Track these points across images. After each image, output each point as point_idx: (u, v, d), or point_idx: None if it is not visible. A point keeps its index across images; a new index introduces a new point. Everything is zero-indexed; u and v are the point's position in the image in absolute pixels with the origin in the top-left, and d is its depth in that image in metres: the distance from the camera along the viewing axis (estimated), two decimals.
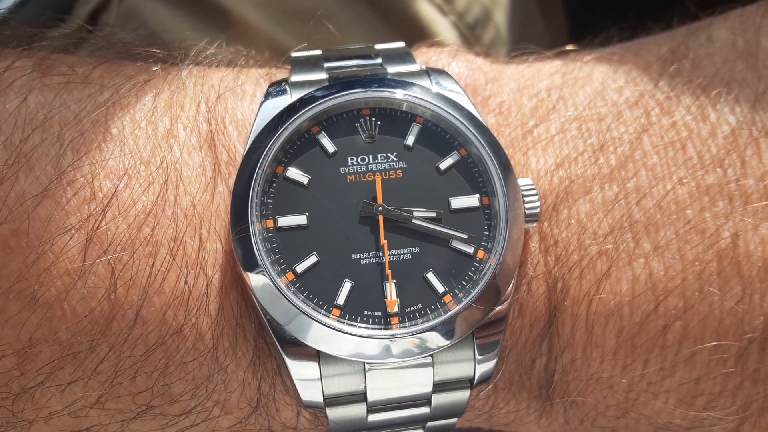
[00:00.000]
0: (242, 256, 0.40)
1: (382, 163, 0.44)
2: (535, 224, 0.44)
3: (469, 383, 0.43)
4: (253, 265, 0.41)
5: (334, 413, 0.42)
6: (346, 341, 0.41)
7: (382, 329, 0.41)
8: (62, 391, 0.40)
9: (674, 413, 0.45)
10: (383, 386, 0.42)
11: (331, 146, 0.44)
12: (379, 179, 0.43)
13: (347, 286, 0.41)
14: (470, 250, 0.43)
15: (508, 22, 0.75)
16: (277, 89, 0.45)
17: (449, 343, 0.41)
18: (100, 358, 0.40)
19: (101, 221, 0.40)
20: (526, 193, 0.43)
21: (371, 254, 0.42)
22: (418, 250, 0.42)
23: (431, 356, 0.42)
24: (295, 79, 0.46)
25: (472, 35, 0.72)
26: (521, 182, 0.44)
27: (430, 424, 0.45)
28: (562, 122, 0.47)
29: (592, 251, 0.44)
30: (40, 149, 0.40)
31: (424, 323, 0.41)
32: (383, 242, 0.42)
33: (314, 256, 0.42)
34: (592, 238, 0.44)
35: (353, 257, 0.42)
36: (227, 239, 0.42)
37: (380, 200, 0.43)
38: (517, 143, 0.47)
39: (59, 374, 0.40)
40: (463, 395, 0.44)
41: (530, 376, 0.45)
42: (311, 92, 0.45)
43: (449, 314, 0.41)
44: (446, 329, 0.41)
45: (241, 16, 0.65)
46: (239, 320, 0.41)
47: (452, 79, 0.47)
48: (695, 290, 0.43)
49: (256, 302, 0.40)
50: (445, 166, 0.44)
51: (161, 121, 0.43)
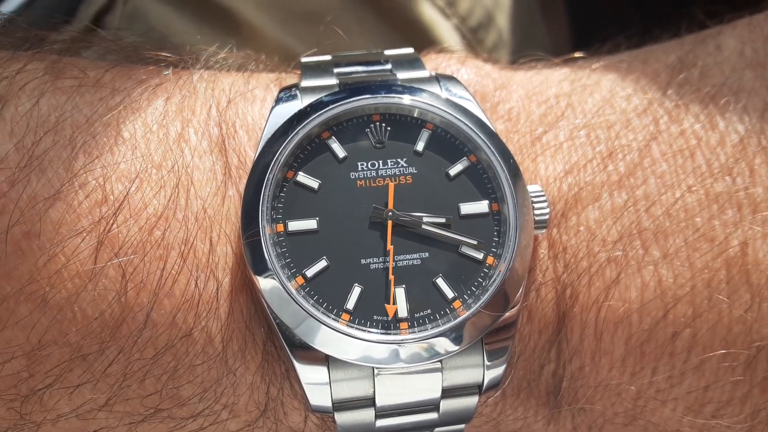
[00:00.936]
0: (252, 259, 0.41)
1: (392, 168, 0.44)
2: (544, 231, 0.44)
3: (477, 389, 0.43)
4: (263, 268, 0.41)
5: (342, 418, 0.42)
6: (354, 345, 0.41)
7: (391, 334, 0.41)
8: (71, 393, 0.40)
9: (682, 421, 0.45)
10: (392, 391, 0.42)
11: (341, 151, 0.44)
12: (392, 185, 0.43)
13: (357, 291, 0.42)
14: (480, 256, 0.43)
15: (510, 25, 0.75)
16: (287, 94, 0.45)
17: (458, 348, 0.41)
18: (109, 360, 0.40)
19: (113, 224, 0.40)
20: (535, 199, 0.43)
21: (381, 259, 0.42)
22: (427, 255, 0.43)
23: (440, 362, 0.42)
24: (305, 84, 0.46)
25: (474, 38, 0.72)
26: (530, 189, 0.44)
27: (437, 429, 0.45)
28: (570, 129, 0.47)
29: (601, 258, 0.44)
30: (52, 152, 0.40)
31: (433, 329, 0.41)
32: (389, 247, 0.42)
33: (324, 260, 0.42)
34: (601, 245, 0.44)
35: (363, 262, 0.42)
36: (237, 243, 0.42)
37: (391, 205, 0.43)
38: (526, 150, 0.47)
39: (68, 376, 0.40)
40: (471, 401, 0.43)
41: (538, 382, 0.45)
42: (321, 98, 0.45)
43: (458, 320, 0.41)
44: (455, 335, 0.41)
45: (244, 17, 0.65)
46: (248, 324, 0.41)
47: (461, 85, 0.47)
48: (704, 298, 0.43)
49: (265, 306, 0.41)
50: (454, 172, 0.44)
51: (172, 124, 0.43)
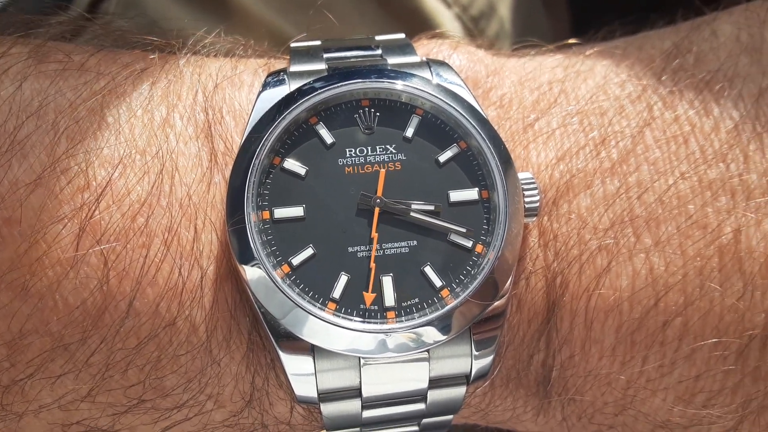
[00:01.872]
0: (237, 247, 0.40)
1: (380, 155, 0.43)
2: (534, 219, 0.43)
3: (465, 379, 0.43)
4: (248, 257, 0.40)
5: (328, 409, 0.42)
6: (341, 335, 0.40)
7: (378, 323, 0.40)
8: (53, 383, 0.40)
9: (673, 411, 0.44)
10: (378, 381, 0.41)
11: (329, 137, 0.43)
12: (383, 172, 0.42)
13: (343, 279, 0.41)
14: (469, 244, 0.42)
15: (512, 15, 0.74)
16: (275, 79, 0.45)
17: (446, 338, 0.41)
18: (91, 350, 0.39)
19: (95, 210, 0.39)
20: (526, 187, 0.43)
21: (368, 247, 0.42)
22: (415, 243, 0.42)
23: (427, 351, 0.41)
24: (293, 69, 0.45)
25: (476, 28, 0.71)
26: (521, 176, 0.43)
27: (425, 420, 0.45)
28: (563, 116, 0.47)
29: (592, 246, 0.43)
30: (34, 137, 0.40)
31: (420, 317, 0.41)
32: (374, 235, 0.41)
33: (310, 248, 0.41)
34: (592, 232, 0.43)
35: (350, 250, 0.41)
36: (222, 230, 0.41)
37: (380, 193, 0.42)
38: (517, 136, 0.46)
39: (50, 366, 0.39)
40: (459, 391, 0.43)
41: (528, 372, 0.45)
42: (310, 82, 0.44)
43: (446, 309, 0.41)
44: (443, 324, 0.41)
45: (240, 3, 0.65)
46: (233, 313, 0.41)
47: (453, 70, 0.46)
48: (696, 286, 0.42)
49: (250, 295, 0.40)
50: (444, 158, 0.44)
51: (157, 110, 0.43)
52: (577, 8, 0.88)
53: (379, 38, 0.50)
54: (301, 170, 0.42)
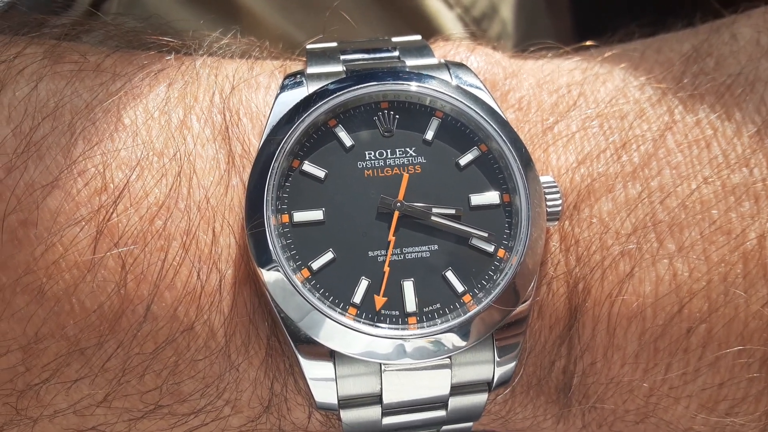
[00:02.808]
0: (256, 251, 0.39)
1: (400, 158, 0.42)
2: (556, 223, 0.43)
3: (487, 386, 0.42)
4: (267, 260, 0.39)
5: (348, 415, 0.41)
6: (359, 340, 0.39)
7: (399, 329, 0.40)
8: (68, 388, 0.39)
9: (695, 419, 0.44)
10: (399, 388, 0.41)
11: (348, 140, 0.43)
12: (407, 176, 0.42)
13: (364, 284, 0.40)
14: (491, 248, 0.42)
15: (514, 16, 0.74)
16: (292, 81, 0.44)
17: (468, 344, 0.40)
18: (108, 354, 0.38)
19: (112, 213, 0.38)
20: (547, 190, 0.42)
21: (386, 251, 0.41)
22: (436, 247, 0.41)
23: (449, 358, 0.41)
24: (311, 71, 0.45)
25: (478, 29, 0.71)
26: (542, 180, 0.43)
27: (445, 427, 0.44)
28: (583, 119, 0.46)
29: (614, 251, 0.42)
30: (50, 138, 0.39)
31: (442, 323, 0.40)
32: (390, 238, 0.41)
33: (330, 252, 0.40)
34: (614, 237, 0.43)
35: (370, 254, 0.41)
36: (241, 234, 0.40)
37: (401, 196, 0.41)
38: (537, 139, 0.46)
39: (65, 371, 0.39)
40: (480, 398, 0.42)
41: (549, 379, 0.44)
42: (328, 85, 0.44)
43: (469, 315, 0.40)
44: (465, 330, 0.40)
45: (243, 3, 0.64)
46: (252, 317, 0.40)
47: (472, 72, 0.46)
48: (720, 292, 0.42)
49: (269, 299, 0.39)
50: (465, 161, 0.43)
51: (174, 111, 0.42)
52: (580, 9, 0.88)
53: (395, 40, 0.49)
54: (320, 173, 0.42)
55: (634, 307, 0.42)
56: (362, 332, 0.39)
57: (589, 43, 0.53)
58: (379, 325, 0.40)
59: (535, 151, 0.45)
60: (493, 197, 0.43)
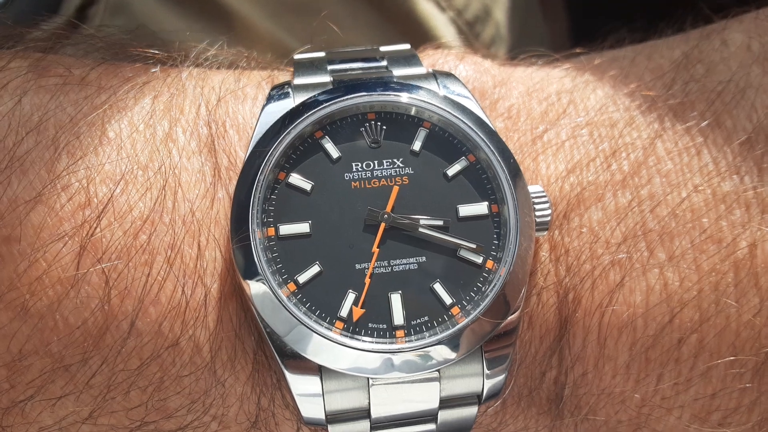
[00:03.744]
0: (242, 265, 0.39)
1: (387, 169, 0.42)
2: (545, 233, 0.42)
3: (477, 399, 0.42)
4: (252, 274, 0.39)
5: (336, 430, 0.40)
6: (346, 354, 0.39)
7: (386, 343, 0.39)
8: (53, 405, 0.39)
9: (688, 429, 0.43)
10: (388, 402, 0.40)
11: (335, 151, 0.42)
12: (396, 188, 0.41)
13: (351, 297, 0.40)
14: (479, 260, 0.41)
15: (508, 19, 0.73)
16: (279, 92, 0.44)
17: (457, 357, 0.40)
18: (92, 371, 0.38)
19: (96, 228, 0.38)
20: (536, 200, 0.42)
21: (376, 264, 0.41)
22: (424, 259, 0.41)
23: (438, 371, 0.40)
24: (298, 82, 0.45)
25: (471, 32, 0.71)
26: (531, 189, 0.42)
27: None
28: (572, 127, 0.46)
29: (604, 261, 0.42)
30: (34, 153, 0.39)
31: (431, 336, 0.40)
32: (374, 250, 0.40)
33: (317, 265, 0.40)
34: (604, 247, 0.42)
35: (357, 267, 0.40)
36: (227, 247, 0.40)
37: (390, 208, 0.41)
38: (526, 148, 0.45)
39: (50, 387, 0.38)
40: (470, 411, 0.42)
41: (540, 390, 0.44)
42: (315, 96, 0.43)
43: (457, 327, 0.40)
44: (454, 343, 0.40)
45: (232, 8, 0.64)
46: (238, 332, 0.40)
47: (460, 82, 0.46)
48: (711, 302, 0.41)
49: (255, 313, 0.39)
50: (452, 172, 0.43)
51: (160, 124, 0.42)
52: (575, 13, 0.88)
53: (383, 49, 0.49)
54: (306, 185, 0.41)
55: (624, 317, 0.42)
56: (349, 347, 0.39)
57: (578, 50, 0.53)
58: (365, 339, 0.39)
59: (524, 160, 0.45)
60: (481, 208, 0.42)
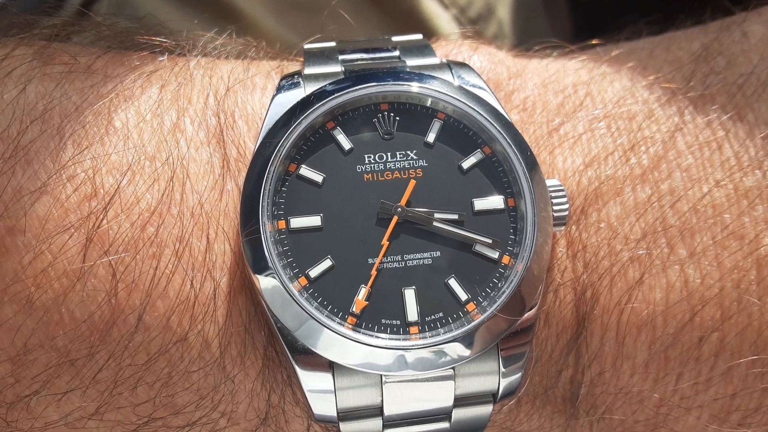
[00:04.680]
0: (252, 259, 0.38)
1: (401, 161, 0.41)
2: (562, 228, 0.41)
3: (492, 397, 0.41)
4: (263, 268, 0.38)
5: (347, 428, 0.40)
6: (357, 350, 0.38)
7: (400, 339, 0.38)
8: (59, 400, 0.38)
9: (707, 430, 0.42)
10: (401, 400, 0.39)
11: (347, 143, 0.41)
12: (413, 182, 0.40)
13: (363, 292, 0.39)
14: (495, 255, 0.40)
15: (511, 17, 0.73)
16: (289, 82, 0.43)
17: (472, 355, 0.39)
18: (99, 366, 0.37)
19: (102, 220, 0.37)
20: (554, 194, 0.41)
21: (389, 258, 0.40)
22: (439, 254, 0.40)
23: (453, 369, 0.39)
24: (308, 71, 0.44)
25: (474, 30, 0.70)
26: (549, 183, 0.41)
27: None
28: (590, 120, 0.45)
29: (623, 257, 0.41)
30: (38, 142, 0.38)
31: (445, 333, 0.39)
32: (384, 242, 0.39)
33: (329, 260, 0.39)
34: (623, 243, 0.41)
35: (370, 261, 0.39)
36: (236, 240, 0.39)
37: (404, 202, 0.40)
38: (542, 141, 0.44)
39: (56, 382, 0.37)
40: (485, 410, 0.41)
41: (555, 388, 0.43)
42: (326, 86, 0.42)
43: (473, 324, 0.39)
44: (469, 340, 0.39)
45: (237, 5, 0.63)
46: (248, 327, 0.39)
47: (475, 72, 0.44)
48: (733, 300, 0.40)
49: (266, 308, 0.38)
50: (468, 165, 0.42)
51: (167, 114, 0.41)
52: (579, 9, 0.86)
53: (395, 39, 0.48)
54: (318, 177, 0.40)
55: (644, 315, 0.41)
56: (361, 342, 0.38)
57: (595, 41, 0.52)
58: (379, 335, 0.38)
59: (540, 153, 0.44)
60: (497, 202, 0.41)
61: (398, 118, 0.42)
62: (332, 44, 0.47)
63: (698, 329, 0.40)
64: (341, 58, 0.45)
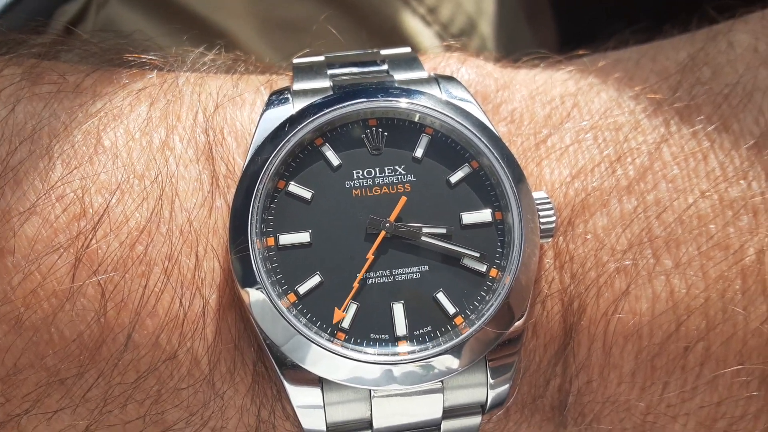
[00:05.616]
0: (241, 275, 0.38)
1: (389, 176, 0.41)
2: (550, 239, 0.42)
3: (480, 408, 0.41)
4: (252, 284, 0.38)
5: None
6: (345, 365, 0.38)
7: (388, 354, 0.39)
8: (49, 419, 0.38)
9: None
10: (390, 413, 0.40)
11: (335, 159, 0.41)
12: (404, 198, 0.40)
13: (352, 308, 0.39)
14: (483, 268, 0.41)
15: (494, 32, 0.73)
16: (278, 98, 0.43)
17: (460, 368, 0.39)
18: (88, 384, 0.37)
19: (92, 239, 0.37)
20: (541, 206, 0.41)
21: (377, 273, 0.40)
22: (427, 268, 0.40)
23: (441, 382, 0.39)
24: (297, 87, 0.44)
25: (461, 42, 0.70)
26: (536, 195, 0.42)
27: None
28: (577, 131, 0.45)
29: (610, 268, 0.41)
30: (28, 162, 0.38)
31: (434, 347, 0.39)
32: (369, 256, 0.40)
33: (317, 276, 0.39)
34: (610, 254, 0.42)
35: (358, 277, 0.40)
36: (225, 258, 0.39)
37: (394, 218, 0.40)
38: (529, 153, 0.45)
39: (46, 401, 0.38)
40: (474, 421, 0.41)
41: (544, 398, 0.43)
42: (314, 101, 0.42)
43: (461, 338, 0.39)
44: (457, 353, 0.39)
45: (220, 26, 0.63)
46: (237, 343, 0.39)
47: (462, 86, 0.45)
48: (719, 310, 0.41)
49: (255, 325, 0.38)
50: (455, 179, 0.42)
51: (156, 132, 0.41)
52: (564, 18, 0.87)
53: (384, 52, 0.48)
54: (306, 194, 0.41)
55: (630, 325, 0.41)
56: (348, 357, 0.38)
57: (582, 51, 0.52)
58: (366, 350, 0.39)
59: (528, 165, 0.44)
60: (485, 215, 0.41)
61: (386, 133, 0.42)
62: (321, 59, 0.47)
63: (684, 339, 0.41)
64: (330, 72, 0.45)
